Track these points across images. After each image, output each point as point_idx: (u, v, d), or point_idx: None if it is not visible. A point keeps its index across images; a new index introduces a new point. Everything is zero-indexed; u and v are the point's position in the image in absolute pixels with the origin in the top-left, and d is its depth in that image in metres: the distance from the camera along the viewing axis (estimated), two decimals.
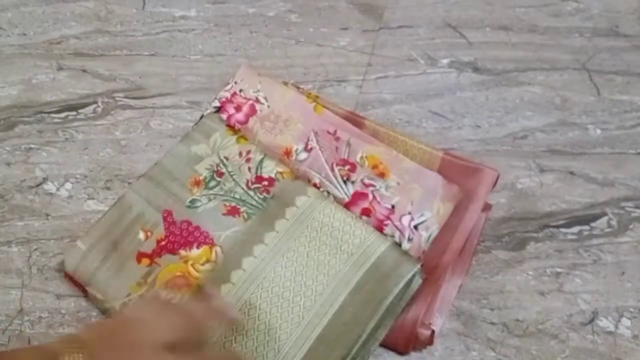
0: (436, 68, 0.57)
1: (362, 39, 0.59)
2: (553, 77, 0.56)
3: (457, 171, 0.45)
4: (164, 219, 0.44)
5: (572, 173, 0.49)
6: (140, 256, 0.43)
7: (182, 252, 0.43)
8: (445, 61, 0.57)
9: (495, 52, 0.58)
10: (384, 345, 0.40)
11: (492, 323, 0.42)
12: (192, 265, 0.42)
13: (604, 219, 0.47)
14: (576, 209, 0.47)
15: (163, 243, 0.43)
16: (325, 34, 0.60)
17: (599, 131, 0.52)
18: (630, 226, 0.46)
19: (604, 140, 0.51)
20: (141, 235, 0.44)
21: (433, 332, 0.40)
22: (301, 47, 0.59)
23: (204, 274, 0.42)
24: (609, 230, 0.46)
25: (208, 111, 0.51)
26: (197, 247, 0.43)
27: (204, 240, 0.43)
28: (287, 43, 0.59)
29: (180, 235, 0.44)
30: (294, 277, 0.40)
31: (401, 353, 0.41)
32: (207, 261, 0.42)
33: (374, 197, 0.44)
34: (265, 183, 0.46)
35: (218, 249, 0.43)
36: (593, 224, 0.46)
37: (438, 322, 0.41)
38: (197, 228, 0.44)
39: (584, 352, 0.41)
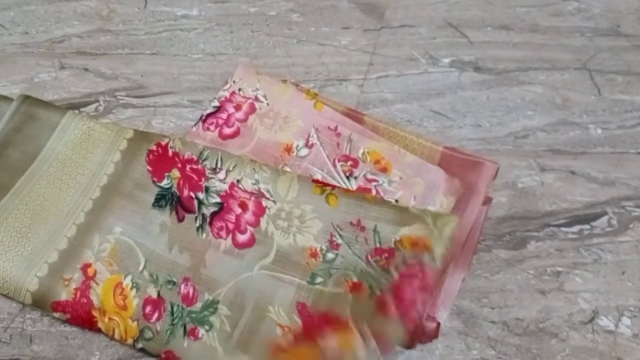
0: (437, 67, 0.57)
1: (363, 38, 0.59)
2: (554, 76, 0.56)
3: (457, 165, 0.45)
4: (300, 312, 0.40)
5: (572, 172, 0.49)
6: (277, 350, 0.39)
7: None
8: (446, 60, 0.57)
9: (497, 52, 0.58)
10: None
11: (492, 322, 0.42)
12: None
13: (605, 218, 0.47)
14: (577, 208, 0.47)
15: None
16: (326, 33, 0.60)
17: (599, 131, 0.52)
18: (631, 225, 0.46)
19: (604, 139, 0.51)
20: (278, 331, 0.40)
21: (438, 324, 0.40)
22: (302, 46, 0.59)
23: None
24: (609, 229, 0.46)
25: (208, 111, 0.51)
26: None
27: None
28: (288, 42, 0.59)
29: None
30: None
31: (407, 347, 0.40)
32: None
33: (377, 192, 0.44)
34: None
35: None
36: (594, 223, 0.46)
37: (442, 315, 0.41)
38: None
39: (584, 351, 0.41)
